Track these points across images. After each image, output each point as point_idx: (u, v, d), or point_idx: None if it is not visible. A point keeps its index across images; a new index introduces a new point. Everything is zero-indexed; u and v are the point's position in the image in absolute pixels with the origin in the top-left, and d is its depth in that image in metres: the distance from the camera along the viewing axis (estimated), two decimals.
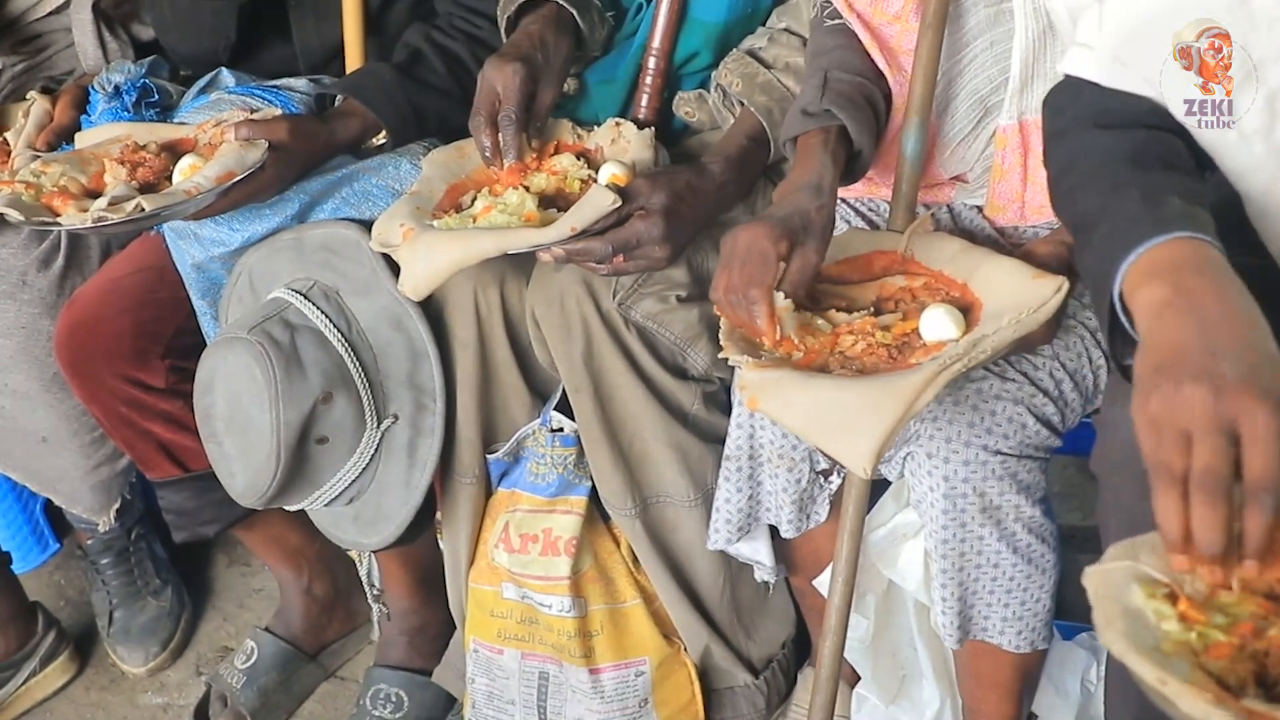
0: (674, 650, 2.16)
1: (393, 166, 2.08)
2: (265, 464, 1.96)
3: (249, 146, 1.93)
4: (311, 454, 1.99)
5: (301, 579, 2.52)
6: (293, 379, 1.94)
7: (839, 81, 1.81)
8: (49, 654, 2.60)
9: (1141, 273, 1.25)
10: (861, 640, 2.03)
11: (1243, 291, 1.21)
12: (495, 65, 1.93)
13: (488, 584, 2.16)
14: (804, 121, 1.79)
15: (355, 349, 2.02)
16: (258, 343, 1.94)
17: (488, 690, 2.21)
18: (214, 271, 2.13)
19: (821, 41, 1.89)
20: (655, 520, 2.06)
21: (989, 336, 1.57)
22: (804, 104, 1.82)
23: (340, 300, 2.04)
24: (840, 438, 1.50)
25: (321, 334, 2.00)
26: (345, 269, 2.04)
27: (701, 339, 1.96)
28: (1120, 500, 1.47)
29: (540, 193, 1.94)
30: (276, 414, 1.93)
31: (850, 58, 1.85)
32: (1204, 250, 1.24)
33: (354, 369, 2.00)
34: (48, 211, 1.89)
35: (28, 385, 2.32)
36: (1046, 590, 1.81)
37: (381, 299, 2.03)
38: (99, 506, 2.47)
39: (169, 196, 1.85)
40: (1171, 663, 1.05)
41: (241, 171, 1.90)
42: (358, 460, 2.02)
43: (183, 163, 1.96)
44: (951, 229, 1.92)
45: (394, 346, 2.03)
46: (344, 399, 1.99)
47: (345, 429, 2.00)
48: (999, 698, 1.95)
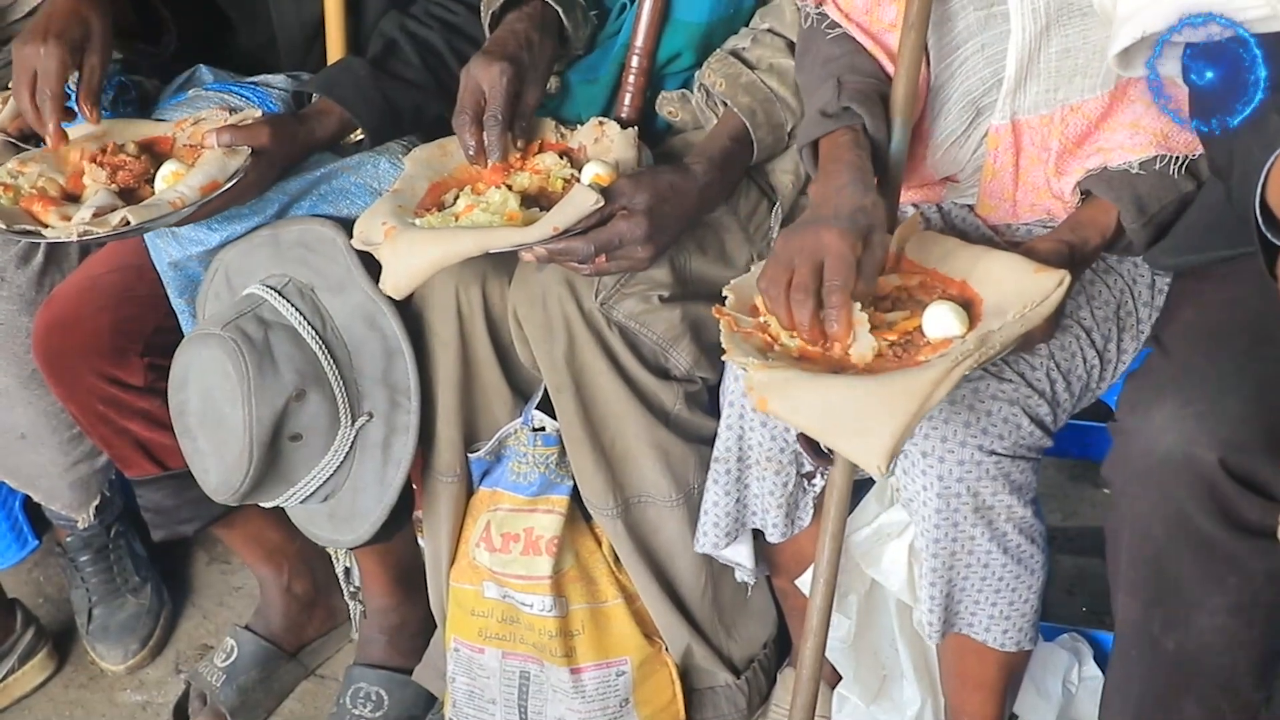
0: (655, 650, 2.15)
1: (371, 165, 2.08)
2: (238, 460, 1.95)
3: (231, 154, 1.93)
4: (285, 451, 1.98)
5: (281, 577, 2.51)
6: (265, 375, 1.93)
7: (853, 82, 1.80)
8: (27, 651, 2.59)
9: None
10: (843, 640, 2.03)
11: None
12: (482, 64, 1.93)
13: (469, 583, 2.16)
14: (824, 123, 1.78)
15: (329, 346, 2.01)
16: (231, 339, 1.93)
17: (468, 689, 2.20)
18: (191, 269, 2.12)
19: (828, 50, 1.88)
20: (637, 520, 2.06)
21: (996, 332, 1.56)
22: (820, 106, 1.80)
23: (315, 297, 2.03)
24: (853, 437, 1.49)
25: (295, 331, 1.99)
26: (320, 266, 2.03)
27: (684, 339, 1.96)
28: (1136, 509, 1.47)
29: (523, 192, 1.94)
30: (249, 410, 1.92)
31: (860, 61, 1.86)
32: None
33: (328, 366, 1.99)
34: (28, 216, 1.88)
35: (6, 382, 2.31)
36: (1034, 591, 1.82)
37: (356, 296, 2.02)
38: (78, 503, 2.47)
39: (154, 209, 1.85)
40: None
41: (225, 180, 1.90)
42: (332, 458, 2.01)
43: (165, 169, 1.96)
44: (942, 228, 1.92)
45: (368, 344, 2.02)
46: (318, 396, 1.98)
47: (319, 426, 1.99)
48: (983, 698, 1.95)
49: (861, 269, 1.60)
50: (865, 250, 1.61)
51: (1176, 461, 1.43)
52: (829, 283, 1.58)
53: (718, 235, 2.02)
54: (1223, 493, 1.44)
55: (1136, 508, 1.47)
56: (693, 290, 1.95)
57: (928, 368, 1.52)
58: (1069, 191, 1.83)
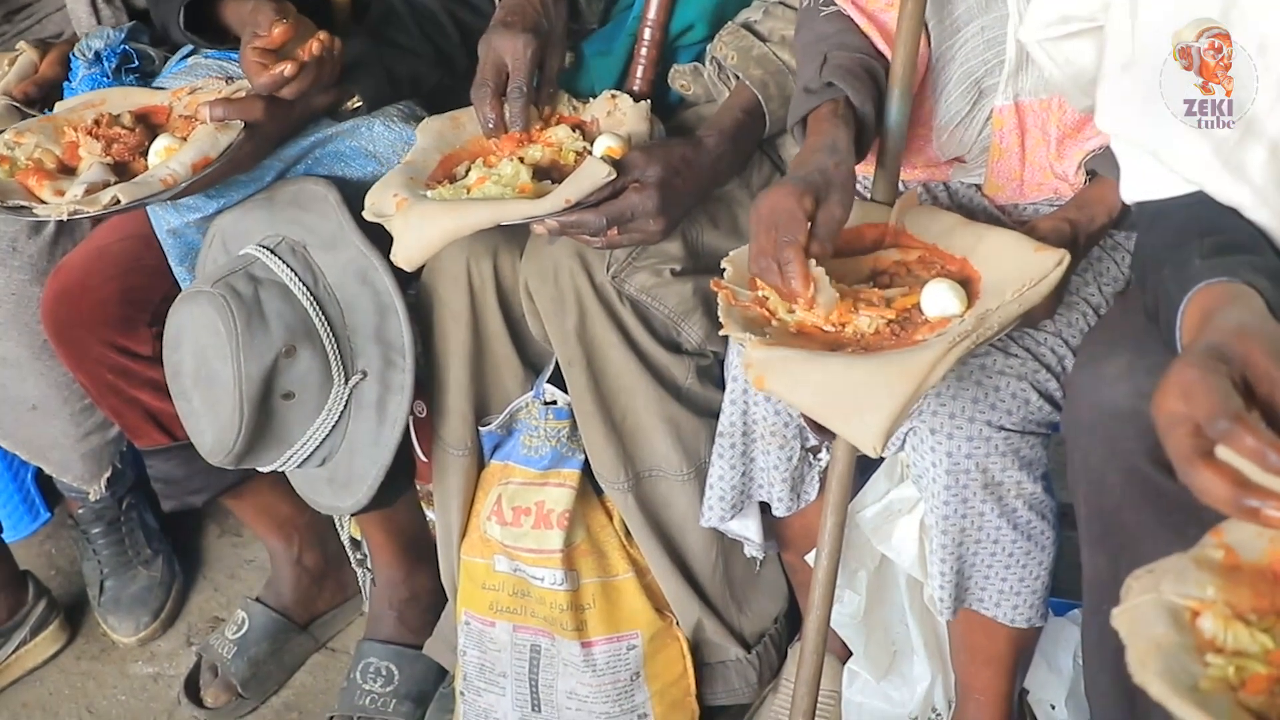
0: (666, 624, 2.15)
1: (366, 128, 2.07)
2: (230, 418, 1.94)
3: (224, 128, 1.91)
4: (278, 410, 1.97)
5: (292, 549, 2.52)
6: (254, 331, 1.92)
7: (838, 58, 1.80)
8: (39, 623, 2.60)
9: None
10: (853, 616, 2.03)
11: None
12: (504, 35, 1.91)
13: (480, 556, 2.16)
14: (808, 99, 1.78)
15: (321, 303, 2.00)
16: (220, 295, 1.92)
17: (479, 663, 2.21)
18: (190, 237, 2.12)
19: (820, 29, 1.87)
20: (648, 494, 2.05)
21: (994, 311, 1.56)
22: (804, 83, 1.81)
23: (307, 255, 2.02)
24: (850, 416, 1.49)
25: (286, 287, 1.98)
26: (312, 223, 2.02)
27: (696, 313, 1.95)
28: (1089, 462, 1.47)
29: (535, 164, 1.93)
30: (238, 366, 1.91)
31: (850, 39, 1.85)
32: None
33: (319, 323, 1.98)
34: (23, 190, 1.88)
35: (18, 352, 2.31)
36: (1045, 567, 1.81)
37: (348, 252, 2.00)
38: (90, 475, 2.46)
39: (145, 186, 1.84)
40: (1211, 701, 1.02)
41: (216, 155, 1.89)
42: (326, 417, 2.00)
43: (158, 144, 1.94)
44: (949, 207, 1.91)
45: (361, 300, 2.01)
46: (309, 353, 1.97)
47: (311, 384, 1.98)
48: (993, 673, 1.95)
49: (816, 226, 1.60)
50: (820, 208, 1.62)
51: (1125, 413, 1.42)
52: (779, 239, 1.59)
53: (730, 209, 2.01)
54: None
55: (1090, 460, 1.46)
56: (704, 264, 1.95)
57: (925, 348, 1.51)
58: (1072, 173, 1.82)
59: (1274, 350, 1.15)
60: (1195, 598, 1.11)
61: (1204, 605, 1.11)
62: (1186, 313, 1.31)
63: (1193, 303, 1.30)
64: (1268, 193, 1.41)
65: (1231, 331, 1.17)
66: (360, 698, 2.36)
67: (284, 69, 1.87)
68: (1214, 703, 1.02)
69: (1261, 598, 1.11)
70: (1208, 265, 1.32)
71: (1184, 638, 1.09)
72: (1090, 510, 1.52)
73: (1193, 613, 1.11)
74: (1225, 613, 1.10)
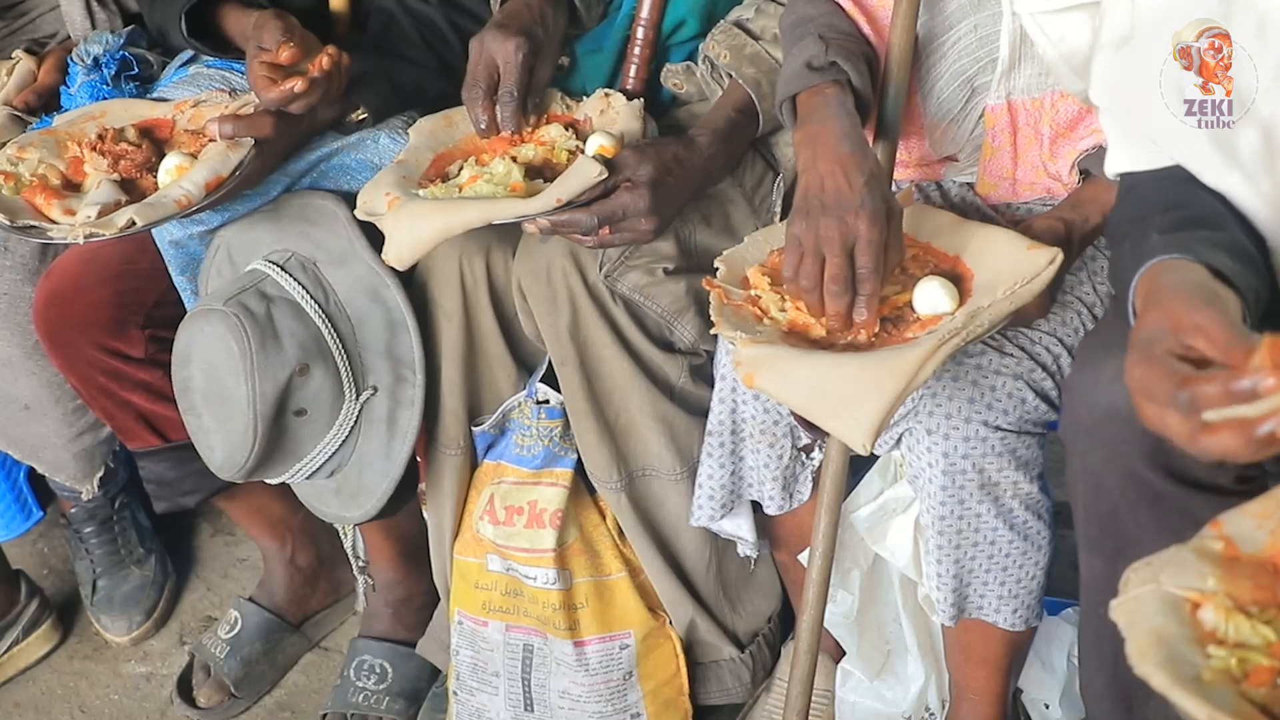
0: (659, 623, 2.15)
1: (372, 140, 2.06)
2: (243, 436, 1.94)
3: (234, 146, 1.90)
4: (290, 426, 1.97)
5: (285, 549, 2.52)
6: (268, 351, 1.93)
7: (837, 39, 1.79)
8: (31, 622, 2.59)
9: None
10: (847, 615, 2.03)
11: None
12: (497, 37, 1.91)
13: (472, 556, 2.15)
14: (810, 76, 1.76)
15: (332, 320, 2.00)
16: (233, 314, 1.92)
17: (472, 662, 2.20)
18: (193, 248, 2.12)
19: (805, 10, 1.86)
20: (641, 493, 2.05)
21: (985, 309, 1.56)
22: (807, 59, 1.78)
23: (318, 271, 2.02)
24: (839, 414, 1.49)
25: (298, 305, 1.99)
26: (322, 239, 2.02)
27: (688, 312, 1.95)
28: (1087, 465, 1.47)
29: (527, 163, 1.92)
30: (252, 386, 1.92)
31: (839, 21, 1.84)
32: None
33: (331, 340, 1.99)
34: (30, 209, 1.87)
35: (10, 352, 2.30)
36: (1040, 567, 1.81)
37: (359, 269, 2.01)
38: (82, 475, 2.46)
39: (160, 209, 1.83)
40: (1214, 692, 1.02)
41: (229, 174, 1.88)
42: (337, 432, 2.01)
43: (168, 162, 1.93)
44: (942, 206, 1.91)
45: (372, 317, 2.02)
46: (321, 371, 1.97)
47: (323, 401, 1.98)
48: (987, 674, 1.95)
49: (889, 248, 1.61)
50: (890, 230, 1.62)
51: (1122, 416, 1.42)
52: (863, 270, 1.58)
53: (723, 208, 2.01)
54: (1168, 447, 1.42)
55: (1089, 463, 1.46)
56: (697, 263, 1.94)
57: (914, 345, 1.52)
58: (1066, 173, 1.82)
59: (1191, 301, 1.19)
60: (1195, 589, 1.11)
61: (1204, 597, 1.11)
62: (1137, 289, 1.33)
63: (1143, 279, 1.32)
64: (1257, 174, 1.41)
65: (1155, 306, 1.22)
66: (353, 695, 2.36)
67: (294, 85, 1.85)
68: (1217, 695, 1.02)
69: (1262, 590, 1.12)
70: (1163, 240, 1.34)
71: (1184, 629, 1.09)
72: (1088, 513, 1.52)
73: (1193, 604, 1.11)
74: (1226, 604, 1.10)
